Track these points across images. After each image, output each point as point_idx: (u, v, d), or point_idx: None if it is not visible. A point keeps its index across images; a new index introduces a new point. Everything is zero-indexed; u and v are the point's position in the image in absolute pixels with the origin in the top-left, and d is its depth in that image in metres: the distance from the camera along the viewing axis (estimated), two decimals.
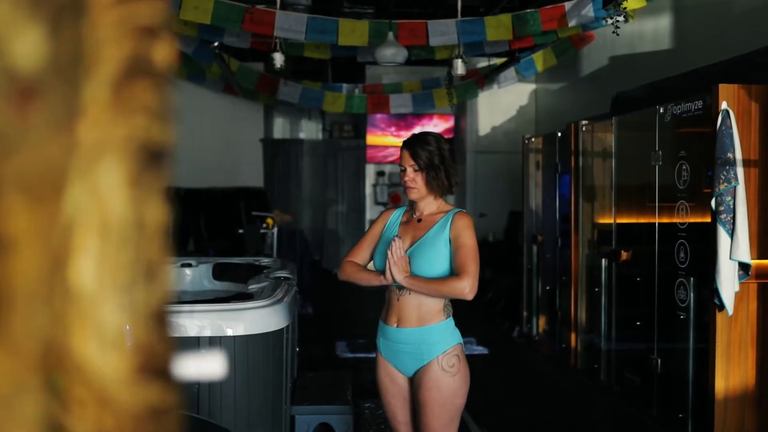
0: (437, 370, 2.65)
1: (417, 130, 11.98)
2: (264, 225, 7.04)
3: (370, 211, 11.90)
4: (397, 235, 2.70)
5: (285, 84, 8.72)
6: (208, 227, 10.66)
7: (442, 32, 6.65)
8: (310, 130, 13.41)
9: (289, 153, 12.36)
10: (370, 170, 11.99)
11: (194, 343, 2.82)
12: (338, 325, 7.55)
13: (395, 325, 2.73)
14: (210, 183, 11.65)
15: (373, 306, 9.68)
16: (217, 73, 8.96)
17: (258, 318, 2.91)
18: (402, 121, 11.82)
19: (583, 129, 5.73)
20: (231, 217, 8.92)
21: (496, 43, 7.67)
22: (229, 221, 8.90)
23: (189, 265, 4.73)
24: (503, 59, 8.89)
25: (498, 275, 8.91)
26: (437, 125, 11.91)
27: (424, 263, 2.65)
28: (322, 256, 12.45)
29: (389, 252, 2.62)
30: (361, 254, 2.88)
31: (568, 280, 5.97)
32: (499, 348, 6.78)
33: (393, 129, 11.84)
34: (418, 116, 11.78)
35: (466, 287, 2.55)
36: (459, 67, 7.50)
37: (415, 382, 2.72)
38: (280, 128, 13.28)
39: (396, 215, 2.90)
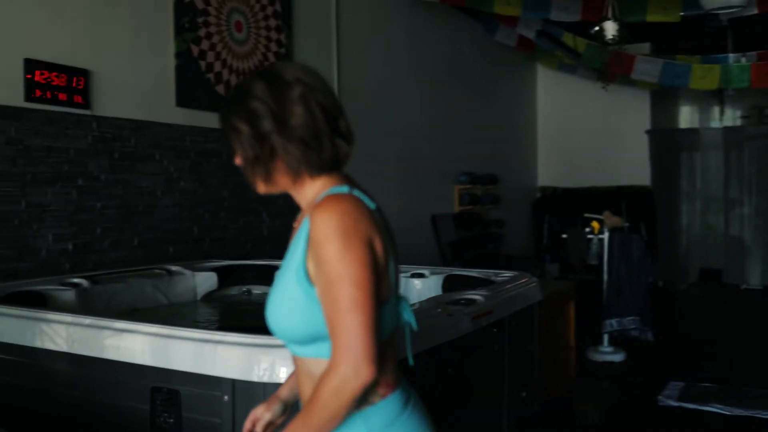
0: None
1: None
2: (589, 229, 5.87)
3: None
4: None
5: (642, 60, 7.24)
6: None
7: None
8: (724, 118, 11.25)
9: (681, 145, 10.55)
10: None
11: (215, 386, 2.14)
12: (683, 359, 5.94)
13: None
14: (589, 182, 10.59)
15: (741, 335, 7.45)
16: (566, 58, 7.93)
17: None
18: None
19: None
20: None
21: None
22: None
23: (421, 276, 4.07)
24: None
25: None
26: None
27: (272, 317, 1.36)
28: (723, 267, 10.31)
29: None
30: None
31: None
32: None
33: None
34: None
35: (348, 376, 1.22)
36: None
37: None
38: (688, 117, 11.45)
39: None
